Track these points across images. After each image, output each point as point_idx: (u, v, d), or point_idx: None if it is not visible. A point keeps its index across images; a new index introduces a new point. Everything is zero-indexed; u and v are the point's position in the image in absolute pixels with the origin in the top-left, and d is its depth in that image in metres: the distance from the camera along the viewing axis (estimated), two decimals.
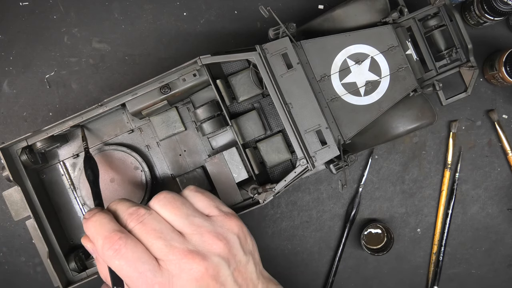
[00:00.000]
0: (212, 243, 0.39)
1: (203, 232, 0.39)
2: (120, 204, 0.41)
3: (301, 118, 0.46)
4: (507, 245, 0.61)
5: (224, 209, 0.43)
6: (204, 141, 0.52)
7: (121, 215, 0.40)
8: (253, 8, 0.59)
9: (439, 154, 0.60)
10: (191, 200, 0.42)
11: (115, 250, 0.37)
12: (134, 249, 0.37)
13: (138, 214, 0.39)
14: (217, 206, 0.42)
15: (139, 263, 0.37)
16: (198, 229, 0.39)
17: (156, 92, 0.47)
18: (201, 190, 0.43)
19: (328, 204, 0.60)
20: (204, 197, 0.43)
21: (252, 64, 0.48)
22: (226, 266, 0.39)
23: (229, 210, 0.43)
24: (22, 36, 0.59)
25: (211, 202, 0.43)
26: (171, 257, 0.37)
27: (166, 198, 0.41)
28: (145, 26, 0.59)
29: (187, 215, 0.40)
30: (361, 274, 0.61)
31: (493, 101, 0.60)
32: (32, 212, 0.48)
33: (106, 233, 0.38)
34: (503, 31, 0.60)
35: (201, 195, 0.43)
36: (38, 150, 0.49)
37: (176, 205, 0.40)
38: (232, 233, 0.41)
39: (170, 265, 0.37)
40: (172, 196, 0.41)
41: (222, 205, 0.43)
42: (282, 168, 0.50)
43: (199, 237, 0.39)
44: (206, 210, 0.42)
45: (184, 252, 0.38)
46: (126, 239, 0.37)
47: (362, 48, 0.48)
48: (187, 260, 0.37)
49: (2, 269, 0.59)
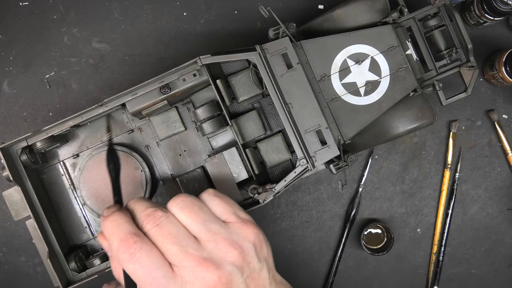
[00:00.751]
0: (227, 251, 0.39)
1: (218, 239, 0.39)
2: (138, 203, 0.41)
3: (301, 118, 0.46)
4: (507, 245, 0.61)
5: (241, 215, 0.42)
6: (204, 141, 0.52)
7: (138, 215, 0.40)
8: (253, 8, 0.59)
9: (439, 154, 0.60)
10: (209, 205, 0.42)
11: (130, 254, 0.37)
12: (149, 253, 0.37)
13: (155, 216, 0.39)
14: (234, 212, 0.42)
15: (153, 269, 0.37)
16: (214, 235, 0.39)
17: (156, 92, 0.47)
18: (219, 194, 0.43)
19: (328, 204, 0.60)
20: (222, 202, 0.42)
21: (252, 64, 0.48)
22: (240, 274, 0.39)
23: (246, 216, 0.42)
24: (22, 36, 0.59)
25: (229, 207, 0.42)
26: (186, 264, 0.37)
27: (184, 202, 0.40)
28: (145, 26, 0.59)
29: (204, 220, 0.40)
30: (361, 274, 0.61)
31: (493, 101, 0.60)
32: (32, 212, 0.48)
33: (123, 235, 0.38)
34: (503, 31, 0.60)
35: (219, 199, 0.42)
36: (38, 150, 0.49)
37: (194, 209, 0.40)
38: (248, 241, 0.40)
39: (184, 272, 0.37)
40: (190, 200, 0.40)
41: (240, 211, 0.43)
42: (282, 168, 0.50)
43: (215, 244, 0.39)
44: (224, 216, 0.41)
45: (199, 259, 0.37)
46: (141, 243, 0.37)
47: (362, 48, 0.48)
48: (201, 268, 0.37)
49: (2, 269, 0.59)
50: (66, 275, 0.49)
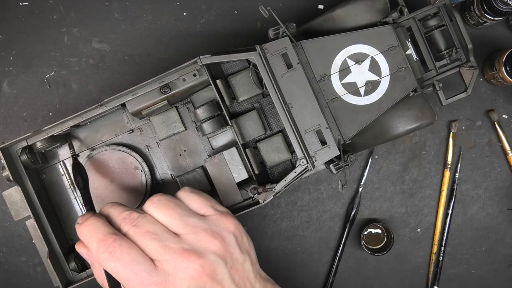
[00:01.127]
0: (208, 241, 0.39)
1: (198, 231, 0.39)
2: (112, 208, 0.41)
3: (301, 118, 0.46)
4: (507, 245, 0.61)
5: (219, 208, 0.43)
6: (204, 141, 0.52)
7: (115, 219, 0.40)
8: (253, 8, 0.59)
9: (439, 154, 0.60)
10: (185, 201, 0.42)
11: (110, 252, 0.37)
12: (128, 250, 0.37)
13: (132, 217, 0.39)
14: (212, 206, 0.42)
15: (135, 264, 0.37)
16: (193, 228, 0.39)
17: (156, 92, 0.47)
18: (195, 191, 0.43)
19: (328, 204, 0.60)
20: (198, 197, 0.43)
21: (252, 64, 0.48)
22: (223, 264, 0.39)
23: (224, 209, 0.43)
24: (22, 36, 0.59)
25: (206, 202, 0.43)
26: (167, 257, 0.37)
27: (160, 201, 0.41)
28: (145, 26, 0.59)
29: (182, 215, 0.40)
30: (361, 274, 0.61)
31: (493, 101, 0.60)
32: (32, 212, 0.48)
33: (101, 236, 0.38)
34: (503, 31, 0.60)
35: (195, 195, 0.43)
36: (38, 150, 0.49)
37: (170, 206, 0.40)
38: (228, 232, 0.41)
39: (166, 265, 0.37)
40: (166, 198, 0.41)
41: (218, 205, 0.43)
42: (282, 168, 0.50)
43: (195, 236, 0.39)
44: (202, 210, 0.42)
45: (179, 251, 0.38)
46: (120, 241, 0.37)
47: (362, 48, 0.48)
48: (182, 259, 0.37)
49: (2, 269, 0.59)
50: (66, 275, 0.49)
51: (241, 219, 0.59)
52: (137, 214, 0.39)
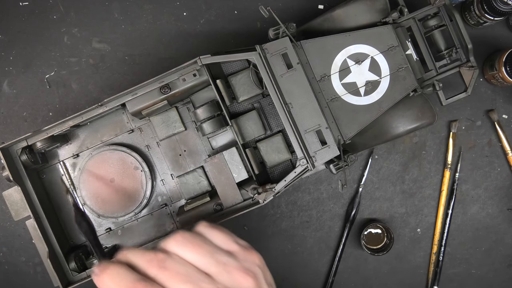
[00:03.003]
0: (243, 280, 0.37)
1: (231, 270, 0.37)
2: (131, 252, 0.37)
3: (301, 118, 0.46)
4: (507, 245, 0.61)
5: (242, 243, 0.41)
6: (204, 141, 0.52)
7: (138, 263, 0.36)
8: (253, 8, 0.59)
9: (439, 154, 0.60)
10: (209, 237, 0.40)
11: None
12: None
13: (158, 259, 0.36)
14: (235, 241, 0.40)
15: None
16: (225, 267, 0.37)
17: (156, 92, 0.47)
18: (215, 225, 0.41)
19: (328, 204, 0.60)
20: (220, 232, 0.41)
21: (252, 64, 0.48)
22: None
23: (246, 243, 0.41)
24: (22, 36, 0.59)
25: (229, 237, 0.41)
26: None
27: (184, 238, 0.38)
28: (145, 26, 0.59)
29: (211, 252, 0.38)
30: (361, 274, 0.61)
31: (493, 101, 0.60)
32: (32, 212, 0.48)
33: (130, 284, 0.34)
34: (503, 31, 0.60)
35: (218, 231, 0.41)
36: (38, 150, 0.49)
37: (197, 243, 0.38)
38: (257, 266, 0.39)
39: None
40: (190, 235, 0.38)
41: (239, 239, 0.41)
42: (282, 168, 0.50)
43: (228, 275, 0.37)
44: (226, 246, 0.40)
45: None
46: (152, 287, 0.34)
47: (362, 48, 0.48)
48: None
49: (2, 269, 0.59)
50: (66, 275, 0.49)
51: (241, 219, 0.60)
52: (163, 255, 0.36)
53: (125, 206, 0.51)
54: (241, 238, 0.54)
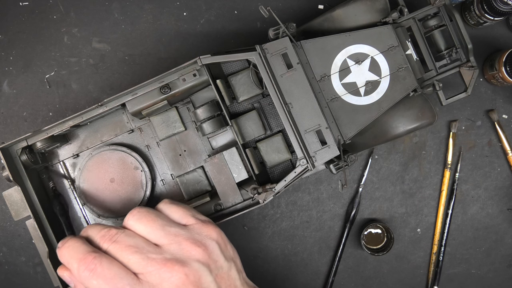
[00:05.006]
0: (191, 249, 0.39)
1: (180, 240, 0.39)
2: (91, 228, 0.41)
3: (301, 118, 0.46)
4: (507, 245, 0.61)
5: (200, 217, 0.42)
6: (204, 141, 0.52)
7: (94, 238, 0.40)
8: (253, 8, 0.59)
9: (439, 154, 0.60)
10: (166, 212, 0.42)
11: (91, 270, 0.37)
12: (109, 266, 0.37)
13: (110, 234, 0.39)
14: (193, 215, 0.42)
15: (117, 279, 0.37)
16: (175, 238, 0.39)
17: (156, 92, 0.47)
18: (176, 202, 0.43)
19: (328, 204, 0.60)
20: (179, 207, 0.42)
21: (252, 64, 0.48)
22: (207, 272, 0.39)
23: (206, 218, 0.43)
24: (22, 36, 0.59)
25: (187, 211, 0.42)
26: (150, 269, 0.37)
27: (140, 213, 0.40)
28: (145, 26, 0.59)
29: (163, 225, 0.40)
30: (361, 274, 0.61)
31: (493, 101, 0.60)
32: (32, 212, 0.48)
33: (80, 255, 0.38)
34: (503, 31, 0.60)
35: (176, 206, 0.42)
36: (38, 150, 0.49)
37: (150, 217, 0.40)
38: (211, 239, 0.40)
39: (149, 277, 0.37)
40: (146, 210, 0.41)
41: (199, 214, 0.43)
42: (282, 168, 0.50)
43: (177, 245, 0.39)
44: (183, 220, 0.42)
45: (162, 261, 0.37)
46: (100, 258, 0.37)
47: (362, 48, 0.48)
48: (166, 269, 0.37)
49: (2, 269, 0.59)
50: None
51: (241, 219, 0.60)
52: (116, 230, 0.39)
53: (125, 206, 0.51)
54: (241, 238, 0.55)
